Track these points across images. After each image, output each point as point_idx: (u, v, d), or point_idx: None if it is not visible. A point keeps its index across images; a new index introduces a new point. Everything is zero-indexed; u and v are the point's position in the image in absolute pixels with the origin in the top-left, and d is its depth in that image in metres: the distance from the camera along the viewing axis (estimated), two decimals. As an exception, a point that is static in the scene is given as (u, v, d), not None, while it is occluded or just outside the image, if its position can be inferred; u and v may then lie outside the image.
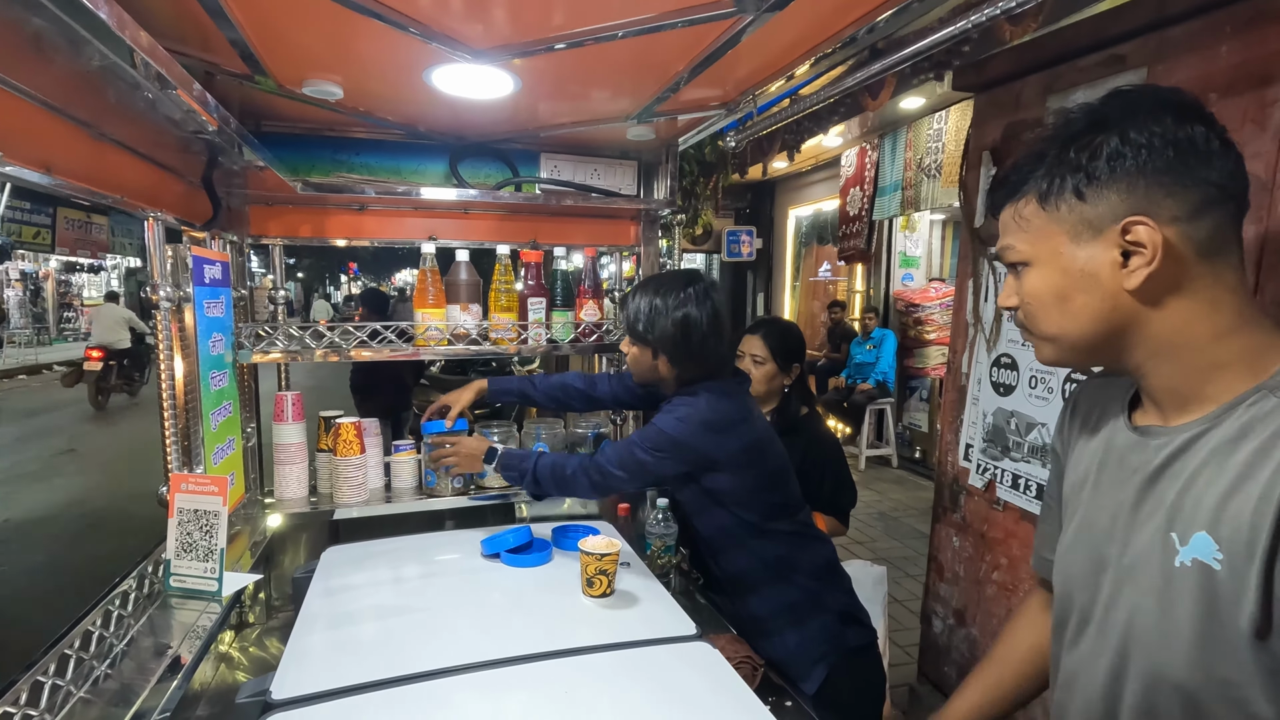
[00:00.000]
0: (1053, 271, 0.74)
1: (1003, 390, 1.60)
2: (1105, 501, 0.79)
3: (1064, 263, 0.73)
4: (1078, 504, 0.84)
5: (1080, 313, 0.73)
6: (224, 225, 1.69)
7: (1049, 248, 0.73)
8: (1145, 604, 0.70)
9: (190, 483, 1.25)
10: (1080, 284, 0.72)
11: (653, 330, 1.44)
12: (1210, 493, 0.66)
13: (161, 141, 1.31)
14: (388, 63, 1.34)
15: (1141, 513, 0.73)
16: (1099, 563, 0.78)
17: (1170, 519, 0.69)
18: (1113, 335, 0.73)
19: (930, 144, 5.63)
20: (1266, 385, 0.66)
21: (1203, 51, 1.14)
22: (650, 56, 1.34)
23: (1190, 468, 0.69)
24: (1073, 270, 0.72)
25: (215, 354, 1.53)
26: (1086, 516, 0.82)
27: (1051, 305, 0.74)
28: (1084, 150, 0.70)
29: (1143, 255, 0.68)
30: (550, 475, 1.49)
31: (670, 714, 1.02)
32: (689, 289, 1.44)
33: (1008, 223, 0.78)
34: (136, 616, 1.16)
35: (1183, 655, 0.67)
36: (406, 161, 1.93)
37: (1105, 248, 0.70)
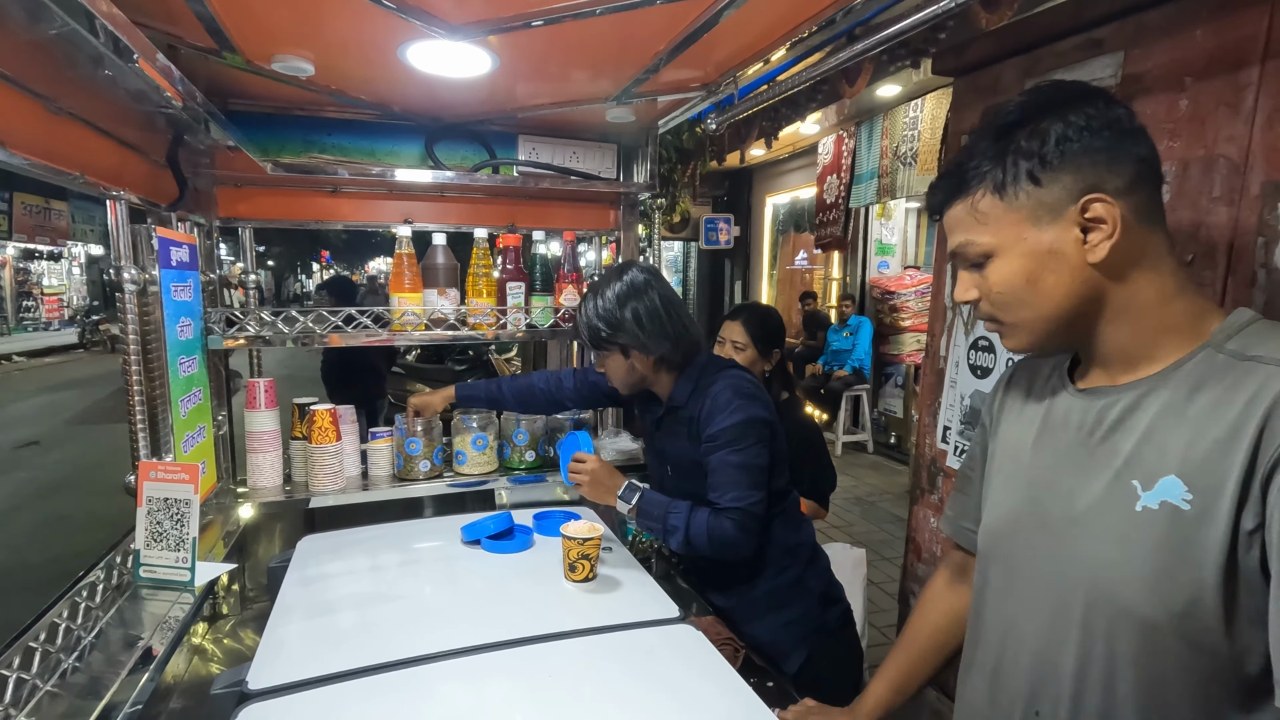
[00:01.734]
0: (1020, 257, 0.76)
1: (980, 373, 1.62)
2: (1047, 460, 0.84)
3: (1029, 247, 0.76)
4: (1013, 472, 0.88)
5: (1053, 291, 0.76)
6: (191, 207, 1.64)
7: (1012, 235, 0.76)
8: (1104, 549, 0.75)
9: (159, 470, 1.22)
10: (1048, 264, 0.75)
11: (613, 332, 1.43)
12: (1174, 440, 0.71)
13: (124, 118, 1.26)
14: (360, 38, 1.30)
15: (1094, 465, 0.77)
16: (1041, 517, 0.82)
17: (1130, 468, 0.74)
18: (1082, 307, 0.77)
19: (906, 132, 5.67)
20: (1211, 344, 0.73)
21: (1178, 35, 1.15)
22: (630, 35, 1.32)
23: (1145, 420, 0.74)
24: (1039, 252, 0.76)
25: (183, 339, 1.49)
26: (1026, 477, 0.86)
27: (1023, 289, 0.77)
28: (1034, 138, 0.74)
29: (1103, 229, 0.73)
30: (707, 537, 1.36)
31: (654, 695, 1.02)
32: (623, 279, 1.45)
33: (961, 219, 0.80)
34: (105, 608, 1.13)
35: (1147, 591, 0.71)
36: (381, 142, 1.89)
37: (1066, 227, 0.74)
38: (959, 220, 0.81)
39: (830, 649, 1.50)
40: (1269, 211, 1.06)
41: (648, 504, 1.42)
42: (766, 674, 1.28)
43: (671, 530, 1.40)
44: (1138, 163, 0.73)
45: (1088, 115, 0.73)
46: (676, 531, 1.40)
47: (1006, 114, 0.77)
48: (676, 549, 1.42)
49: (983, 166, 0.77)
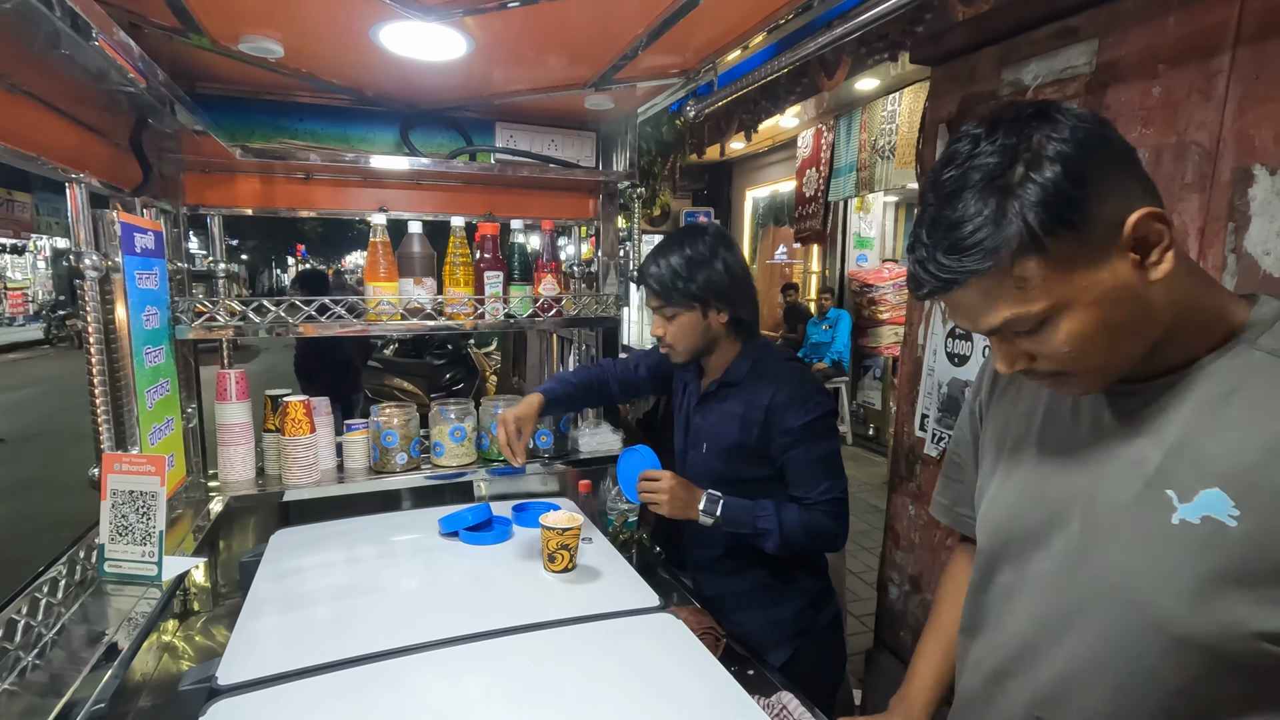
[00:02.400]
0: (1087, 307, 0.66)
1: (957, 360, 1.64)
2: (1054, 456, 0.79)
3: (1095, 294, 0.66)
4: (1015, 461, 0.84)
5: (1129, 328, 0.68)
6: (156, 192, 1.59)
7: (1070, 289, 0.66)
8: (1134, 561, 0.70)
9: (124, 462, 1.18)
10: (1119, 301, 0.66)
11: (698, 283, 1.38)
12: (1214, 448, 0.66)
13: (84, 98, 1.21)
14: (331, 18, 1.27)
15: (1115, 467, 0.72)
16: (1054, 519, 0.77)
17: (1164, 476, 0.68)
18: (1155, 328, 0.69)
19: (884, 125, 5.71)
20: (1243, 339, 0.67)
21: (1152, 23, 1.17)
22: (607, 19, 1.30)
23: (1177, 423, 0.69)
24: (1106, 295, 0.66)
25: (149, 328, 1.45)
26: (1032, 472, 0.81)
27: (1100, 337, 0.68)
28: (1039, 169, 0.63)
29: (1161, 241, 0.65)
30: (804, 533, 1.35)
31: (633, 684, 1.01)
32: (709, 235, 1.41)
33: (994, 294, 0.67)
34: (68, 604, 1.09)
35: (1184, 608, 0.66)
36: (355, 129, 1.85)
37: (1121, 254, 0.65)
38: (990, 298, 0.68)
39: (815, 651, 1.49)
40: (1239, 197, 1.07)
41: (733, 511, 1.37)
42: (748, 663, 1.29)
43: (763, 534, 1.36)
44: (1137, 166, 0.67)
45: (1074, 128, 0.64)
46: (770, 534, 1.36)
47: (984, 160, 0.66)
48: (772, 551, 1.38)
49: (998, 232, 0.64)
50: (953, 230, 0.66)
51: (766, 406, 1.37)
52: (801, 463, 1.37)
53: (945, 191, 0.68)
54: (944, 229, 0.67)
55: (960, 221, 0.66)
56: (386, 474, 1.80)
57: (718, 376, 1.47)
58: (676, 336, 1.43)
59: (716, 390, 1.47)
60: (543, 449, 1.95)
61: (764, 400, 1.38)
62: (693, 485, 1.40)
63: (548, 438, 1.94)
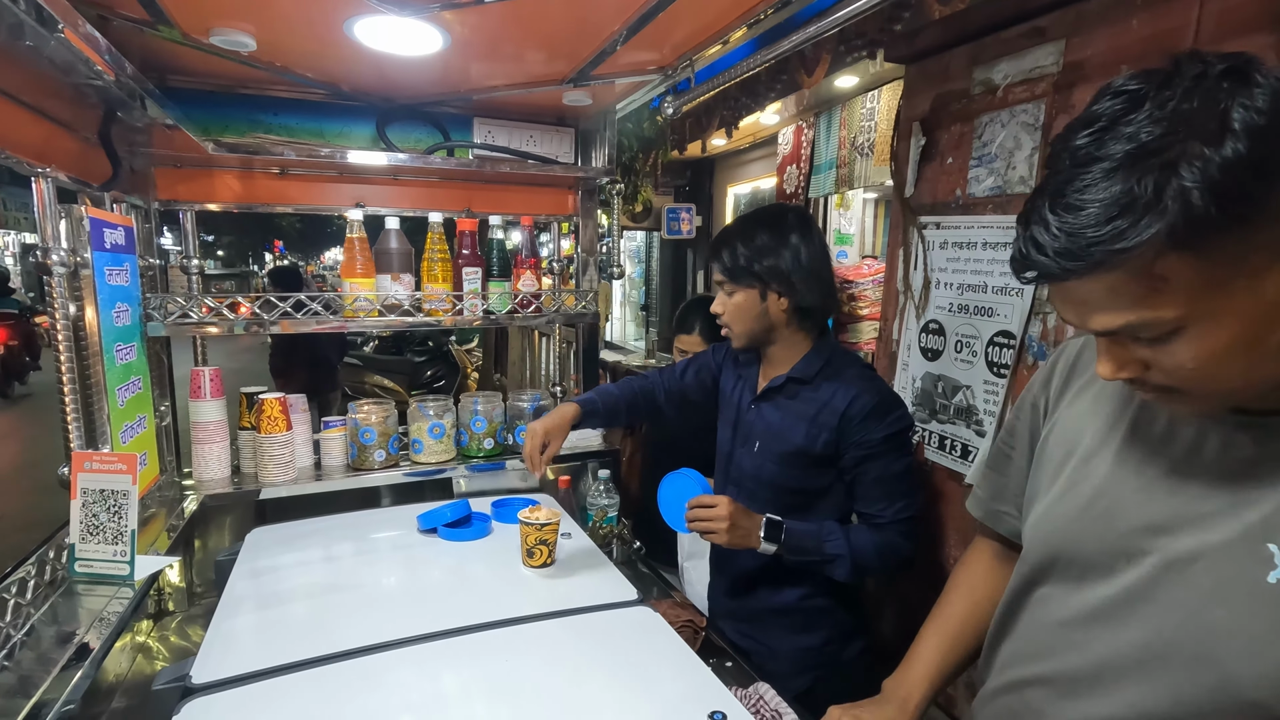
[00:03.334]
0: (1234, 320, 0.55)
1: (930, 355, 1.66)
2: (1133, 478, 0.70)
3: (1247, 307, 0.55)
4: (1085, 472, 0.75)
5: (1276, 350, 0.57)
6: (126, 187, 1.56)
7: (1219, 299, 0.55)
8: (1214, 613, 0.62)
9: (95, 461, 1.16)
10: (1275, 319, 0.55)
11: (762, 261, 1.30)
12: None
13: (50, 91, 1.19)
14: (304, 11, 1.26)
15: (1208, 504, 0.64)
16: (1122, 544, 0.69)
17: (1268, 529, 0.60)
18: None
19: (864, 122, 5.75)
20: None
21: (1116, 24, 1.19)
22: (585, 14, 1.30)
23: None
24: (1261, 309, 0.55)
25: (120, 325, 1.43)
26: (1102, 488, 0.72)
27: (1238, 359, 0.57)
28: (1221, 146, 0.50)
29: None
30: (878, 558, 1.27)
31: (611, 676, 1.02)
32: (788, 217, 1.34)
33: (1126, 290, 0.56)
34: (37, 605, 1.08)
35: (1269, 674, 0.59)
36: (330, 123, 1.84)
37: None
38: (1116, 294, 0.57)
39: (835, 683, 1.34)
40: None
41: (797, 538, 1.26)
42: (726, 654, 1.30)
43: (832, 559, 1.26)
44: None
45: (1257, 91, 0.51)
46: (840, 560, 1.26)
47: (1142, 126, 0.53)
48: (843, 579, 1.29)
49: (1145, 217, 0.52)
50: (1086, 208, 0.54)
51: (843, 412, 1.28)
52: (878, 478, 1.29)
53: (1082, 157, 0.55)
54: (1073, 205, 0.55)
55: (1098, 199, 0.53)
56: (365, 471, 1.79)
57: (783, 371, 1.37)
58: (733, 316, 1.36)
59: (783, 386, 1.37)
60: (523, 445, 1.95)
61: (840, 405, 1.29)
62: (751, 511, 1.27)
63: (527, 434, 1.94)
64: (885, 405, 1.29)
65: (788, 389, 1.37)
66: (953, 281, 1.58)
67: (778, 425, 1.36)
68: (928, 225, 1.65)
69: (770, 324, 1.35)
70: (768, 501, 1.36)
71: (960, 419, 1.57)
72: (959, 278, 1.56)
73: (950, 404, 1.59)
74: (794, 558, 1.27)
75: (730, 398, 1.50)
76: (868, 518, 1.32)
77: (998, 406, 1.46)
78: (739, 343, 1.40)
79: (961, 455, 1.57)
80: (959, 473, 1.57)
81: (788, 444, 1.34)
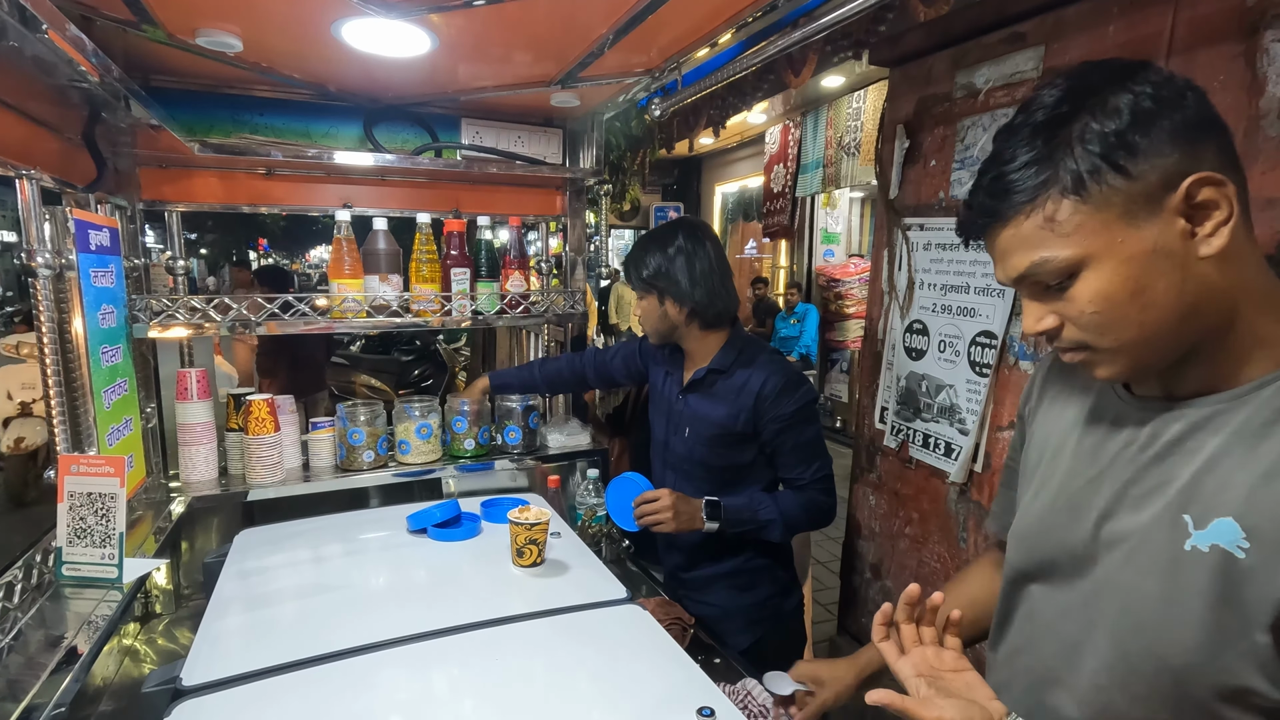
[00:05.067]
0: (1119, 264, 0.62)
1: (915, 355, 1.69)
2: (1087, 469, 0.75)
3: (1130, 250, 0.62)
4: (1050, 471, 0.80)
5: (1162, 300, 0.63)
6: (111, 188, 1.55)
7: (1105, 240, 0.62)
8: (1142, 583, 0.67)
9: (82, 464, 1.16)
10: (1155, 267, 0.62)
11: (654, 275, 1.47)
12: (1239, 478, 0.62)
13: (33, 91, 1.18)
14: (291, 12, 1.26)
15: (1141, 487, 0.69)
16: (1075, 532, 0.74)
17: (1184, 499, 0.65)
18: (1194, 316, 0.64)
19: (850, 122, 5.80)
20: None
21: (1093, 31, 1.22)
22: (572, 17, 1.31)
23: (1210, 447, 0.64)
24: (1142, 255, 0.62)
25: (106, 327, 1.42)
26: (1061, 484, 0.78)
27: (1128, 303, 0.63)
28: (1105, 118, 0.61)
29: (1218, 213, 0.61)
30: (805, 514, 1.46)
31: (601, 674, 1.03)
32: (679, 230, 1.49)
33: (1027, 237, 0.65)
34: (24, 609, 1.07)
35: (1185, 637, 0.63)
36: (317, 123, 1.83)
37: (1169, 219, 0.61)
38: (1023, 239, 0.65)
39: (779, 634, 1.57)
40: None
41: (734, 512, 1.43)
42: (714, 651, 1.32)
43: (766, 524, 1.44)
44: (1221, 136, 0.62)
45: (1154, 84, 0.61)
46: (773, 524, 1.44)
47: (1050, 104, 0.64)
48: (778, 539, 1.46)
49: (1041, 171, 0.63)
50: (1000, 167, 0.65)
51: (758, 393, 1.43)
52: (793, 446, 1.45)
53: (1005, 131, 0.66)
54: (994, 167, 0.66)
55: (1010, 159, 0.64)
56: (353, 472, 1.79)
57: (704, 364, 1.51)
58: (644, 319, 1.54)
59: (704, 377, 1.51)
60: (512, 445, 1.95)
61: (754, 387, 1.44)
62: (689, 497, 1.44)
63: (516, 434, 1.95)
64: (792, 383, 1.45)
65: (708, 379, 1.51)
66: (936, 282, 1.61)
67: (704, 411, 1.51)
68: (912, 227, 1.67)
69: (673, 325, 1.51)
70: (702, 479, 1.52)
71: (944, 417, 1.60)
72: (942, 279, 1.59)
73: (934, 403, 1.62)
74: (734, 530, 1.44)
75: (661, 391, 1.65)
76: (790, 481, 1.49)
77: (980, 405, 1.49)
78: (653, 340, 1.59)
79: (945, 453, 1.60)
80: (942, 470, 1.60)
81: (713, 426, 1.49)
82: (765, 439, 1.46)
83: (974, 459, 1.50)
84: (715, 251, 1.50)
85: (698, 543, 1.54)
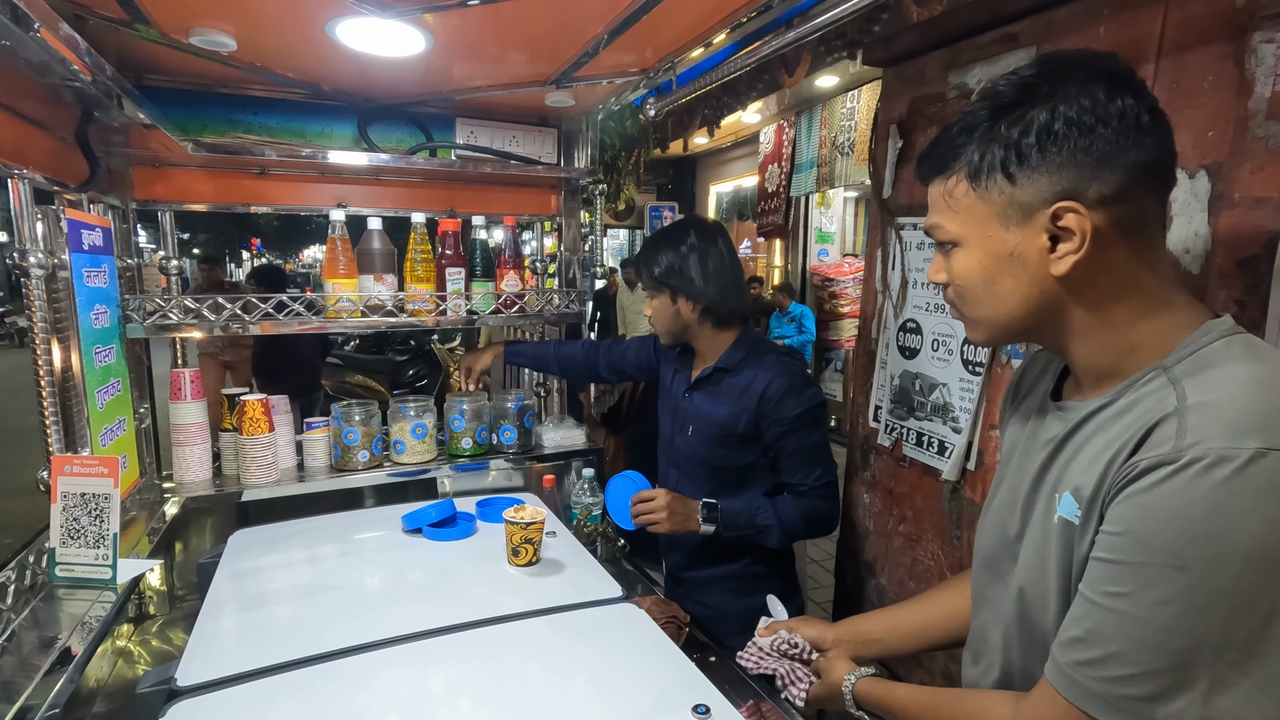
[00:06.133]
0: (981, 254, 0.72)
1: (908, 353, 1.69)
2: (1016, 474, 0.82)
3: (993, 245, 0.71)
4: (1002, 474, 0.88)
5: (1009, 297, 0.72)
6: (104, 188, 1.55)
7: (978, 230, 0.71)
8: (1032, 559, 0.75)
9: (75, 464, 1.16)
10: (1008, 268, 0.71)
11: (666, 273, 1.46)
12: (1084, 457, 0.70)
13: (25, 90, 1.18)
14: (285, 12, 1.25)
15: (1044, 480, 0.76)
16: (1009, 528, 0.81)
17: (1056, 482, 0.73)
18: (1040, 318, 0.72)
19: (844, 122, 5.81)
20: (1162, 364, 0.67)
21: (1084, 32, 1.23)
22: (567, 17, 1.31)
23: (1081, 438, 0.72)
24: (1001, 254, 0.71)
25: (99, 327, 1.41)
26: (1006, 485, 0.85)
27: (980, 288, 0.73)
28: (1015, 125, 0.67)
29: (1071, 242, 0.67)
30: (803, 522, 1.43)
31: (597, 673, 1.03)
32: (690, 230, 1.48)
33: (936, 200, 0.75)
34: (17, 610, 1.07)
35: (1050, 604, 0.71)
36: (311, 123, 1.83)
37: (1034, 232, 0.68)
38: (934, 199, 0.76)
39: None
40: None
41: (731, 515, 1.41)
42: (710, 649, 1.32)
43: (764, 530, 1.42)
44: (1133, 169, 0.65)
45: (1081, 107, 0.65)
46: (771, 530, 1.41)
47: (1004, 90, 0.69)
48: (775, 546, 1.44)
49: (966, 147, 0.71)
50: (944, 132, 0.74)
51: (761, 394, 1.41)
52: (795, 451, 1.43)
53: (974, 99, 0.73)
54: (943, 131, 0.74)
55: (951, 128, 0.73)
56: (348, 472, 1.79)
57: (711, 363, 1.51)
58: (655, 319, 1.52)
59: (710, 375, 1.51)
60: (507, 445, 1.96)
61: (759, 388, 1.42)
62: (686, 498, 1.43)
63: (512, 433, 1.95)
64: (798, 385, 1.42)
65: (714, 378, 1.51)
66: (930, 281, 1.62)
67: (708, 410, 1.50)
68: (905, 226, 1.68)
69: (685, 324, 1.50)
70: (704, 479, 1.52)
71: (937, 416, 1.61)
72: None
73: (927, 401, 1.63)
74: (731, 533, 1.42)
75: (669, 388, 1.65)
76: (791, 487, 1.46)
77: (973, 403, 1.49)
78: (664, 340, 1.57)
79: (938, 452, 1.61)
80: (936, 468, 1.61)
81: (716, 426, 1.48)
82: (767, 442, 1.45)
83: (967, 457, 1.51)
84: (727, 249, 1.49)
85: (697, 544, 1.54)
